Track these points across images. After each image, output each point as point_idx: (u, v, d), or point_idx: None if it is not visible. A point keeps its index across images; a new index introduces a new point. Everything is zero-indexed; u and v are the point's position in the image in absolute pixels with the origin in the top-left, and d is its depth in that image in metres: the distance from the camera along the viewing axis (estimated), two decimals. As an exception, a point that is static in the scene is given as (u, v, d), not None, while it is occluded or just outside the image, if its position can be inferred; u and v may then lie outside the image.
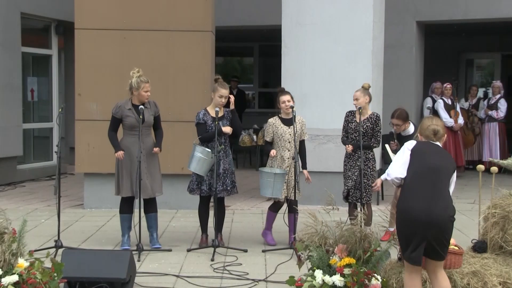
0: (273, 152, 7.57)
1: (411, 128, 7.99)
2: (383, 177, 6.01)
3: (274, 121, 7.70)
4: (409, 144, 4.89)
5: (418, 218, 4.57)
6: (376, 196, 9.76)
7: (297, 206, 7.42)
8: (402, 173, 4.78)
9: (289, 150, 7.60)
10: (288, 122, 7.65)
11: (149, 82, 7.46)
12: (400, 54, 13.51)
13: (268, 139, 7.74)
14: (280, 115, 7.73)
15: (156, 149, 7.52)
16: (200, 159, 7.32)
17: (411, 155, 4.79)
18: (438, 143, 4.92)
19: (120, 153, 7.39)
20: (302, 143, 7.74)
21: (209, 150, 7.32)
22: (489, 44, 17.08)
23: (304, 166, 7.67)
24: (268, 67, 18.43)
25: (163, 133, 7.70)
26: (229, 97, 7.55)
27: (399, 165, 4.81)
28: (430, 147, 4.86)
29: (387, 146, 7.83)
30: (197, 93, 9.63)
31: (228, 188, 7.57)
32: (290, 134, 7.60)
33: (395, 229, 4.90)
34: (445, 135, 4.99)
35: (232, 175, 7.61)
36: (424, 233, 4.58)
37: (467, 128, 13.76)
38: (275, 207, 7.79)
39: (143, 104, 7.43)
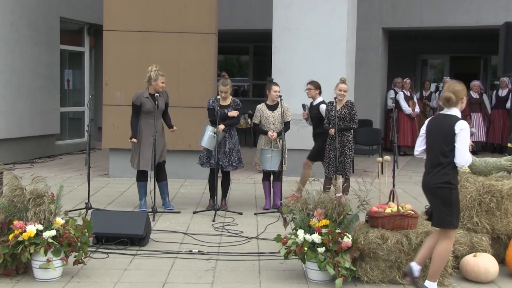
0: (271, 135, 7.51)
1: (319, 99, 7.91)
2: None
3: (261, 107, 7.67)
4: (424, 124, 4.80)
5: (422, 186, 4.71)
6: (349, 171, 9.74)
7: (282, 176, 7.42)
8: (418, 150, 4.79)
9: (273, 130, 7.58)
10: (272, 107, 7.64)
11: (164, 76, 7.39)
12: (368, 55, 13.46)
13: (256, 121, 7.70)
14: (266, 102, 7.66)
15: (174, 128, 7.57)
16: (209, 136, 7.31)
17: (425, 133, 4.74)
18: (452, 110, 4.65)
19: (133, 139, 7.35)
20: (287, 123, 7.68)
21: (212, 128, 7.31)
22: (440, 47, 17.06)
23: (280, 135, 7.50)
24: (261, 64, 18.34)
25: (170, 118, 7.67)
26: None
27: (418, 143, 4.81)
28: (435, 124, 4.68)
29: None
30: (202, 84, 9.60)
31: (234, 163, 7.53)
32: (273, 117, 7.59)
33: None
34: (463, 98, 4.68)
35: (238, 153, 7.57)
36: (427, 197, 4.73)
37: (423, 115, 13.78)
38: (266, 176, 7.72)
39: (158, 93, 7.37)
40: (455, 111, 4.65)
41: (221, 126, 7.38)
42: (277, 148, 7.49)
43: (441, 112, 4.79)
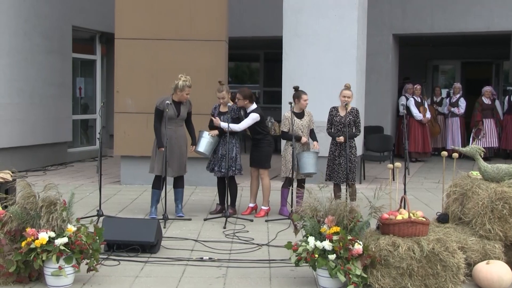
0: (304, 140, 7.56)
1: (252, 107, 7.74)
2: None
3: (289, 115, 7.57)
4: None
5: None
6: (358, 177, 9.70)
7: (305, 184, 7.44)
8: None
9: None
10: (300, 115, 7.67)
11: (191, 87, 7.42)
12: (379, 61, 13.44)
13: (285, 129, 7.65)
14: (293, 110, 7.58)
15: (193, 148, 7.58)
16: (202, 141, 7.50)
17: None
18: None
19: (161, 149, 7.30)
20: (312, 130, 7.76)
21: (208, 133, 7.52)
22: (451, 53, 17.00)
23: (314, 139, 7.74)
24: (271, 70, 18.34)
25: (194, 128, 7.67)
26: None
27: None
28: None
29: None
30: (212, 92, 9.49)
31: (222, 170, 7.54)
32: (301, 125, 7.63)
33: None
34: None
35: (230, 160, 7.50)
36: None
37: (434, 121, 13.73)
38: (288, 183, 7.61)
39: (180, 103, 7.41)
40: None
41: (215, 132, 7.50)
42: (316, 151, 7.58)
43: None
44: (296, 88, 7.76)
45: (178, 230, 6.96)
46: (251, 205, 7.88)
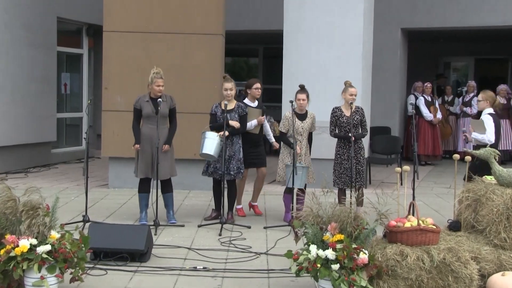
0: (299, 151, 7.50)
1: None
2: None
3: (289, 115, 7.56)
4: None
5: None
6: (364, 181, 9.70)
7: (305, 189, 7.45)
8: None
9: (300, 142, 7.60)
10: (302, 117, 7.64)
11: (162, 79, 7.42)
12: (386, 57, 13.44)
13: (284, 130, 7.66)
14: (295, 110, 7.57)
15: (165, 147, 7.46)
16: (208, 141, 7.29)
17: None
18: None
19: (136, 146, 7.40)
20: (310, 134, 7.78)
21: (215, 133, 7.33)
22: (464, 49, 17.01)
23: (310, 143, 7.86)
24: (271, 67, 18.34)
25: (176, 127, 7.62)
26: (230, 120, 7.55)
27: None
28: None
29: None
30: (209, 89, 9.60)
31: (232, 172, 7.53)
32: (302, 128, 7.58)
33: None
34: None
35: (238, 162, 7.56)
36: None
37: (445, 121, 13.74)
38: (290, 189, 7.58)
39: (159, 97, 7.39)
40: None
41: (235, 123, 7.44)
42: (302, 163, 7.48)
43: None
44: (301, 87, 7.74)
45: (170, 237, 6.94)
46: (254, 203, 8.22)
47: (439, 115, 13.28)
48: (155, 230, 7.05)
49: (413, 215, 5.32)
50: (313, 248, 4.99)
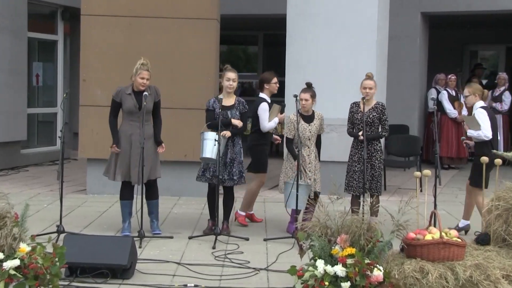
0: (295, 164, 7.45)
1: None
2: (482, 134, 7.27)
3: (294, 117, 7.49)
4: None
5: None
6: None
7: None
8: None
9: (308, 147, 7.56)
10: (308, 119, 7.60)
11: (149, 71, 7.38)
12: (404, 45, 13.44)
13: (290, 136, 7.54)
14: (300, 111, 7.53)
15: (161, 150, 7.52)
16: (209, 143, 7.22)
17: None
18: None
19: (115, 148, 7.39)
20: (318, 136, 7.73)
21: (215, 133, 7.23)
22: (493, 36, 17.00)
23: (319, 147, 7.81)
24: (272, 56, 18.36)
25: (161, 123, 7.61)
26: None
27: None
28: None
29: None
30: (202, 81, 9.60)
31: (235, 177, 7.52)
32: (310, 132, 7.56)
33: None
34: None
35: (239, 165, 7.55)
36: None
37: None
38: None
39: (144, 91, 7.37)
40: None
41: (227, 133, 7.37)
42: (304, 181, 7.44)
43: None
44: (308, 85, 7.71)
45: (157, 250, 6.94)
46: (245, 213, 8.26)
47: (464, 112, 13.27)
48: (140, 242, 7.03)
49: (434, 226, 5.32)
50: (320, 263, 4.98)
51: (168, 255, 6.76)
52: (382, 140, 8.01)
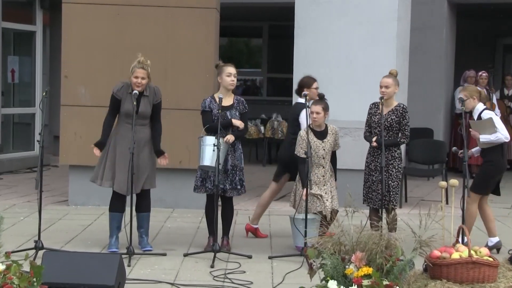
0: (303, 195, 7.43)
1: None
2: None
3: (305, 134, 7.47)
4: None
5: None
6: (399, 198, 9.72)
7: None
8: None
9: (323, 167, 7.58)
10: (321, 135, 7.60)
11: (145, 70, 7.37)
12: (429, 37, 13.45)
13: (303, 155, 7.44)
14: (310, 126, 7.56)
15: (164, 162, 7.56)
16: (209, 150, 7.21)
17: None
18: None
19: (96, 150, 7.43)
20: (333, 153, 7.75)
21: (215, 138, 7.23)
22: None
23: (335, 164, 7.84)
24: (278, 50, 18.39)
25: (161, 129, 7.63)
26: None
27: None
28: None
29: None
30: (198, 78, 9.59)
31: (238, 187, 7.54)
32: (323, 149, 7.57)
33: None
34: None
35: (240, 173, 7.58)
36: None
37: (505, 121, 13.71)
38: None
39: (142, 93, 7.39)
40: None
41: (231, 138, 7.37)
42: (317, 216, 7.47)
43: None
44: (320, 96, 7.73)
45: (148, 269, 6.95)
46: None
47: (497, 112, 13.29)
48: (129, 260, 7.05)
49: (463, 243, 5.33)
50: (332, 284, 5.00)
51: (161, 274, 6.76)
52: (403, 146, 8.03)
